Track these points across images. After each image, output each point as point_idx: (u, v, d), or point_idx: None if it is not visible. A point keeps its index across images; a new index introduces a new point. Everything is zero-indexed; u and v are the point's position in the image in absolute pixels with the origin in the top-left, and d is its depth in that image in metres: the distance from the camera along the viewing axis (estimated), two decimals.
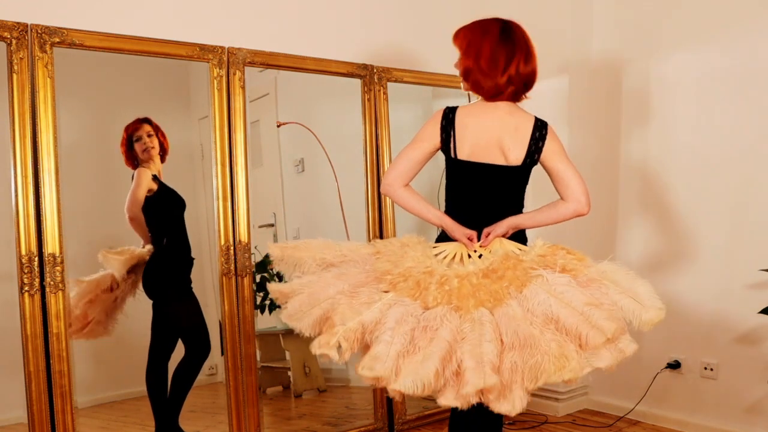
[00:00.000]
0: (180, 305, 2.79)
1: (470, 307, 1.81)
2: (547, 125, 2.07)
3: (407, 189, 2.08)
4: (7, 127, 2.26)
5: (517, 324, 1.77)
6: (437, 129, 2.06)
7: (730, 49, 3.00)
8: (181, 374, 2.75)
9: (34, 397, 2.29)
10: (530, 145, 2.03)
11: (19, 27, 2.27)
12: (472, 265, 1.95)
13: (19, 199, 2.27)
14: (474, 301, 1.82)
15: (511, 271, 1.88)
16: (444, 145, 2.07)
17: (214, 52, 2.66)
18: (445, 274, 1.90)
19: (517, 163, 2.03)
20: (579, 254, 1.93)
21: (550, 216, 2.04)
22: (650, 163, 3.31)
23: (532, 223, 2.05)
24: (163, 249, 2.72)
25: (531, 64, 2.06)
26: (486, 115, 2.05)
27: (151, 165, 2.69)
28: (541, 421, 3.39)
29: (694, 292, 3.14)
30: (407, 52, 3.24)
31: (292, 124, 3.27)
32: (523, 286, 1.85)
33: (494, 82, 2.02)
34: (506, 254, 1.95)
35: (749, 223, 2.96)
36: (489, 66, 2.02)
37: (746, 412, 2.98)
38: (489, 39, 2.04)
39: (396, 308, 1.83)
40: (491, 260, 1.94)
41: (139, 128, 2.68)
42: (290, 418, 3.23)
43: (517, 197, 2.09)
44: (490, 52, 2.02)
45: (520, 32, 2.08)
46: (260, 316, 3.17)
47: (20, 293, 2.27)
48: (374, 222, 3.12)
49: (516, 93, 2.06)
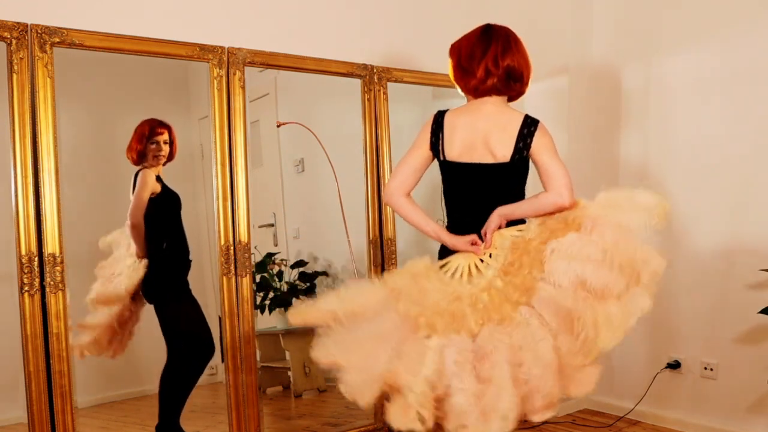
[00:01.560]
0: (179, 307, 2.79)
1: (510, 312, 1.81)
2: (537, 123, 2.06)
3: (408, 200, 2.10)
4: (7, 127, 2.26)
5: (554, 305, 1.78)
6: (428, 133, 2.10)
7: (730, 49, 3.00)
8: (181, 376, 2.75)
9: (34, 397, 2.29)
10: (517, 141, 2.02)
11: (19, 27, 2.27)
12: (490, 269, 1.93)
13: (19, 199, 2.27)
14: (510, 305, 1.82)
15: (526, 256, 1.88)
16: (434, 148, 2.09)
17: (214, 52, 2.66)
18: (472, 293, 1.88)
19: (505, 160, 2.03)
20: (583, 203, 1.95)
21: (533, 205, 2.02)
22: (650, 162, 3.31)
23: (519, 212, 2.03)
24: (163, 252, 2.72)
25: (512, 58, 2.06)
26: (473, 115, 2.07)
27: (154, 168, 2.70)
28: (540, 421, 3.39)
29: (694, 292, 3.14)
30: (407, 52, 3.24)
31: (292, 124, 3.27)
32: (543, 263, 1.84)
33: (474, 76, 2.06)
34: (513, 242, 1.95)
35: (749, 223, 2.96)
36: (468, 62, 2.08)
37: (746, 412, 2.98)
38: (469, 39, 2.11)
39: (448, 351, 1.78)
40: (503, 255, 1.93)
41: (162, 132, 2.69)
42: (290, 418, 3.23)
43: (511, 194, 2.08)
44: (468, 50, 2.08)
45: (502, 30, 2.11)
46: (260, 316, 3.17)
47: (20, 293, 2.27)
48: (374, 222, 3.12)
49: (499, 87, 2.06)
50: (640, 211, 1.85)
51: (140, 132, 2.67)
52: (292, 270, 3.38)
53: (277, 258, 3.35)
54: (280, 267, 3.36)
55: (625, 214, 1.85)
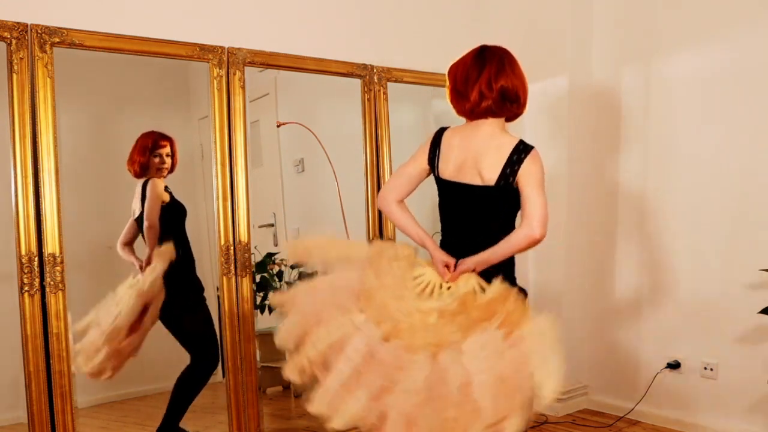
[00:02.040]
0: (189, 314, 2.80)
1: (417, 348, 1.87)
2: (530, 150, 2.03)
3: (399, 205, 2.16)
4: (7, 127, 2.26)
5: (441, 378, 1.82)
6: (427, 148, 2.15)
7: (731, 48, 3.00)
8: (187, 382, 2.76)
9: (34, 397, 2.29)
10: (505, 166, 2.02)
11: (19, 27, 2.27)
12: (438, 300, 1.99)
13: (19, 200, 2.27)
14: (422, 343, 1.87)
15: (462, 316, 1.91)
16: (430, 164, 2.14)
17: (214, 52, 2.66)
18: (409, 307, 1.96)
19: (490, 183, 2.03)
20: (525, 306, 1.93)
21: (506, 247, 2.01)
22: (650, 162, 3.31)
23: (496, 257, 2.02)
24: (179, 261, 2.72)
25: (506, 79, 2.05)
26: (468, 136, 2.09)
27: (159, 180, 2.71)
28: (541, 421, 3.39)
29: (694, 292, 3.14)
30: (407, 52, 3.24)
31: (292, 124, 3.27)
32: (467, 334, 1.88)
33: (468, 99, 2.07)
34: (465, 295, 1.98)
35: (749, 223, 2.96)
36: (463, 86, 2.09)
37: (746, 411, 2.98)
38: (464, 63, 2.12)
39: (359, 337, 1.90)
40: (451, 300, 1.98)
41: (165, 145, 2.70)
42: (290, 418, 3.23)
43: (497, 218, 2.08)
44: (463, 73, 2.09)
45: (497, 51, 2.11)
46: (260, 316, 3.17)
47: (20, 293, 2.27)
48: (374, 222, 3.12)
49: (494, 109, 2.06)
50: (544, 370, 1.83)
51: (143, 144, 2.67)
52: (292, 270, 3.38)
53: (277, 258, 3.35)
54: (280, 267, 3.35)
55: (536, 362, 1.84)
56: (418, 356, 1.85)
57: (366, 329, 1.92)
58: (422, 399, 1.80)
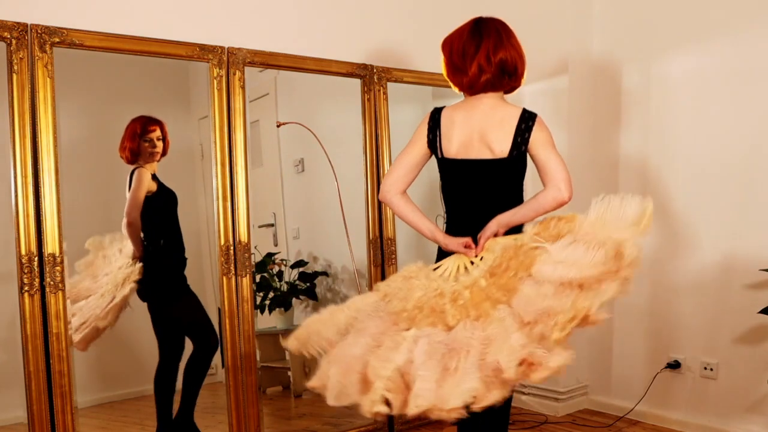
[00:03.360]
0: (180, 305, 2.79)
1: (488, 309, 1.82)
2: (535, 116, 2.05)
3: (403, 197, 2.10)
4: (7, 127, 2.26)
5: (533, 303, 1.77)
6: (425, 130, 2.10)
7: (731, 48, 3.00)
8: (192, 370, 2.76)
9: (34, 397, 2.29)
10: (516, 135, 2.01)
11: (19, 27, 2.27)
12: (477, 269, 1.95)
13: (19, 199, 2.27)
14: (489, 303, 1.83)
15: (514, 260, 1.88)
16: (431, 145, 2.09)
17: (214, 52, 2.66)
18: (455, 290, 1.90)
19: (503, 156, 2.02)
20: (569, 216, 1.92)
21: (533, 207, 2.00)
22: (650, 162, 3.30)
23: (518, 218, 2.01)
24: (160, 250, 2.72)
25: (505, 51, 2.04)
26: (470, 111, 2.07)
27: (149, 165, 2.69)
28: (540, 421, 3.40)
29: (694, 292, 3.14)
30: (407, 52, 3.24)
31: (292, 124, 3.27)
32: (530, 267, 1.84)
33: (467, 73, 2.05)
34: (504, 247, 1.95)
35: (749, 223, 2.96)
36: (460, 60, 2.07)
37: (746, 412, 2.98)
38: (460, 35, 2.09)
39: (421, 342, 1.81)
40: (492, 257, 1.94)
41: (155, 129, 2.68)
42: (290, 418, 3.23)
43: (511, 190, 2.08)
44: (460, 47, 2.07)
45: (493, 23, 2.09)
46: (260, 316, 3.17)
47: (20, 293, 2.27)
48: (374, 222, 3.12)
49: (493, 83, 2.05)
50: (627, 228, 1.83)
51: (132, 130, 2.66)
52: (292, 270, 3.38)
53: (277, 258, 3.35)
54: (280, 267, 3.36)
55: (614, 234, 1.83)
56: (495, 312, 1.79)
57: (424, 335, 1.84)
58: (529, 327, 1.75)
